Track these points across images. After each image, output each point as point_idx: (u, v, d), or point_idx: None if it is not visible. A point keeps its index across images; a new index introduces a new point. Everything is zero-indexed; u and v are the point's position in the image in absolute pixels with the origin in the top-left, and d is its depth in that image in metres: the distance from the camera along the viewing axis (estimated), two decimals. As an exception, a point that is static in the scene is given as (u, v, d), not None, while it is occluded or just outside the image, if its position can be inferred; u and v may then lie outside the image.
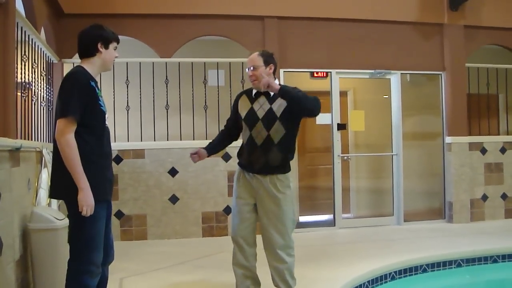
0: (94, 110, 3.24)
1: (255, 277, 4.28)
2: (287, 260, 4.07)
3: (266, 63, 4.07)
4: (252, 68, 4.06)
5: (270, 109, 4.03)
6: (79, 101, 3.12)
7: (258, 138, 4.04)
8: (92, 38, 3.35)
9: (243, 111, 4.18)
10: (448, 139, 8.36)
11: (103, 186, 3.30)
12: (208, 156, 4.45)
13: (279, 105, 4.01)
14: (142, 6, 7.38)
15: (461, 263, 5.96)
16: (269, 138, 4.01)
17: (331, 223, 8.10)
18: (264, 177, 4.07)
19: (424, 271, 5.75)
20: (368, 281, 5.19)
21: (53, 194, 3.35)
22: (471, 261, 6.01)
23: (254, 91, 4.18)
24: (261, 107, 4.08)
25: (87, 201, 3.10)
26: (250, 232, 4.19)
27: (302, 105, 3.85)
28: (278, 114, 4.01)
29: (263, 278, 4.29)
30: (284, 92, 3.82)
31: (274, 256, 4.08)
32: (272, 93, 4.03)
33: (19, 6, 5.22)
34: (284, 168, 4.17)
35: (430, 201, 8.81)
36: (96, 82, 3.33)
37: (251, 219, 4.19)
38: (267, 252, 4.14)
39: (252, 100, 4.16)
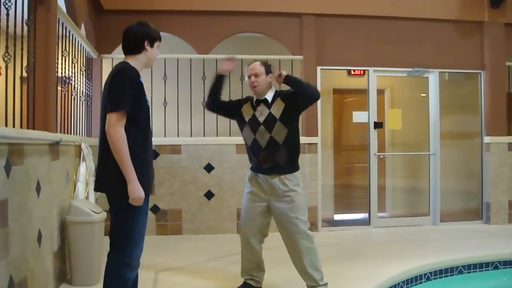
0: (142, 105, 3.29)
1: (260, 264, 4.60)
2: (305, 251, 4.28)
3: (267, 72, 4.47)
4: (254, 75, 4.42)
5: (270, 113, 4.36)
6: (130, 96, 3.17)
7: (262, 141, 4.35)
8: (139, 36, 3.40)
9: (246, 116, 4.51)
10: (486, 139, 8.23)
11: (147, 180, 3.34)
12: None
13: (277, 109, 4.36)
14: (180, 3, 7.43)
15: (498, 265, 5.86)
16: (272, 139, 4.31)
17: (366, 222, 8.06)
18: (273, 178, 4.33)
19: (460, 272, 5.67)
20: (403, 281, 5.15)
21: (98, 187, 3.37)
22: (508, 263, 5.89)
23: (255, 99, 4.52)
24: (261, 113, 4.40)
25: (137, 193, 3.15)
26: (256, 231, 4.49)
27: (306, 90, 4.32)
28: (278, 116, 4.33)
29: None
30: (291, 78, 4.36)
31: (293, 249, 4.33)
32: (269, 100, 4.42)
33: (61, 2, 5.31)
34: (291, 167, 4.39)
35: (467, 201, 8.68)
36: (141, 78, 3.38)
37: (258, 220, 4.48)
38: (287, 247, 4.41)
39: (254, 107, 4.49)
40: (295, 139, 4.42)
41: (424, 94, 8.50)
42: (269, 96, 4.43)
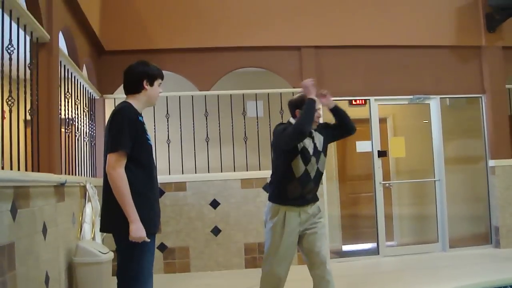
0: (143, 144, 3.31)
1: None
2: (331, 281, 4.33)
3: None
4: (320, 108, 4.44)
5: (315, 145, 4.39)
6: (129, 136, 3.19)
7: (312, 172, 4.34)
8: (137, 76, 3.43)
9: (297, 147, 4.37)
10: (491, 163, 8.21)
11: (152, 219, 3.34)
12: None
13: (319, 141, 4.45)
14: (180, 41, 7.51)
15: (511, 289, 5.81)
16: (319, 170, 4.39)
17: (375, 252, 8.00)
18: (312, 206, 4.39)
19: (473, 298, 5.62)
20: (416, 310, 5.10)
21: (103, 227, 3.39)
22: (521, 287, 5.85)
23: None
24: (309, 144, 4.37)
25: (139, 233, 3.14)
26: (288, 270, 4.40)
27: (351, 121, 4.62)
28: (321, 148, 4.43)
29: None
30: (339, 108, 4.56)
31: (327, 273, 4.30)
32: (312, 131, 4.43)
33: (62, 45, 5.37)
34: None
35: (475, 226, 8.61)
36: (142, 117, 3.39)
37: (291, 258, 4.42)
38: (320, 271, 4.32)
39: None
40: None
41: (426, 121, 8.51)
42: None
